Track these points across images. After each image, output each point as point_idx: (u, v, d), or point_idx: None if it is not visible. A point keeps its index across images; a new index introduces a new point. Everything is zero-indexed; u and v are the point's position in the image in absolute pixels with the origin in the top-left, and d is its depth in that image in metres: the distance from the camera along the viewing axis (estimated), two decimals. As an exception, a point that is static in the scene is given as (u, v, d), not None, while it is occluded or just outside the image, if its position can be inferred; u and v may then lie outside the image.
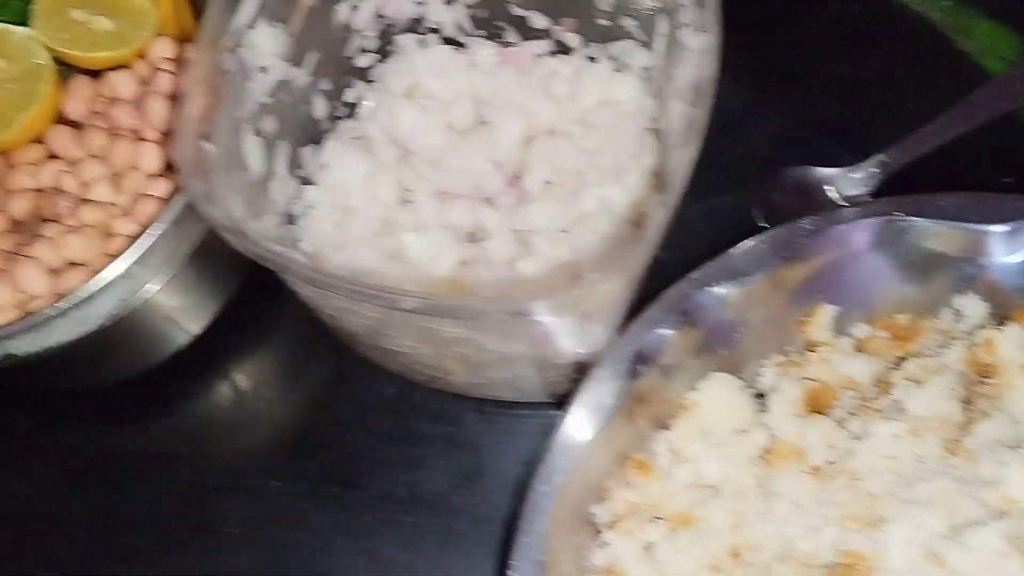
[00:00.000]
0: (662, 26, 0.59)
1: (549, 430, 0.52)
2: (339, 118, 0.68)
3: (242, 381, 0.69)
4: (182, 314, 0.63)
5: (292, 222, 0.64)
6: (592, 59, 0.66)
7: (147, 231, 0.54)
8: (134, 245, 0.54)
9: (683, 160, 0.47)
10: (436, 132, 0.67)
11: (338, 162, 0.66)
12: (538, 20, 0.66)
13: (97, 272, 0.55)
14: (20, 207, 0.59)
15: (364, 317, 0.56)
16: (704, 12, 0.52)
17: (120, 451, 0.68)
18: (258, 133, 0.59)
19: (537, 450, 0.52)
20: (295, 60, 0.61)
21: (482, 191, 0.66)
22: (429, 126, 0.67)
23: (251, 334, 0.70)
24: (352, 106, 0.68)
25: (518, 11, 0.65)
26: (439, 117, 0.67)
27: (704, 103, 0.49)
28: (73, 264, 0.57)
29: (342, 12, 0.64)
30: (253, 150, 0.58)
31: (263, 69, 0.59)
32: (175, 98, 0.62)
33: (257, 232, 0.56)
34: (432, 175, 0.66)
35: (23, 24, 0.64)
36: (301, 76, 0.62)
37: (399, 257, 0.64)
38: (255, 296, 0.68)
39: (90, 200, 0.58)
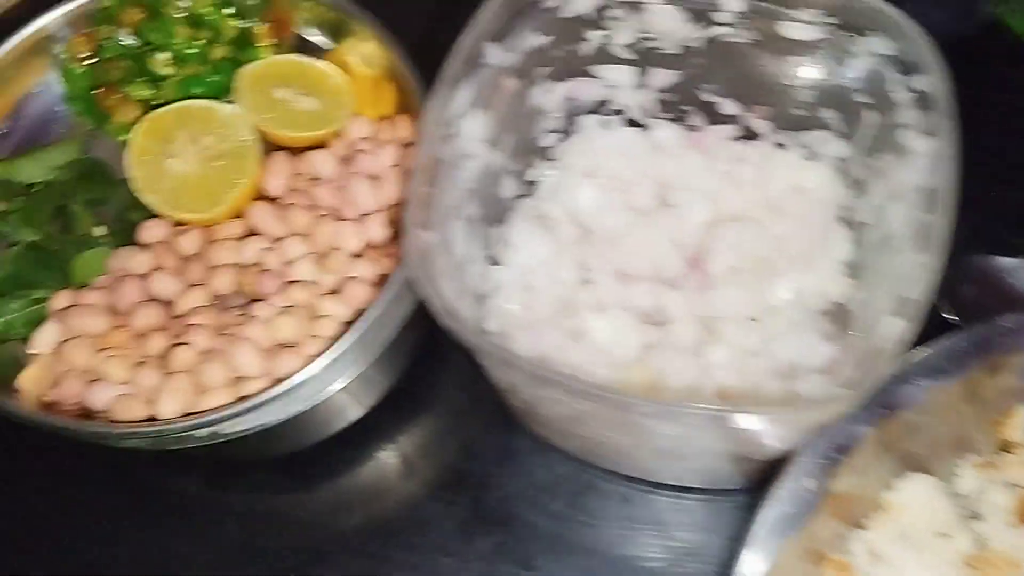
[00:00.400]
0: (870, 120, 0.59)
1: (738, 515, 0.51)
2: (520, 196, 0.68)
3: (410, 452, 0.70)
4: (363, 391, 0.64)
5: (480, 303, 0.64)
6: (781, 145, 0.66)
7: (365, 314, 0.55)
8: (353, 328, 0.54)
9: (925, 268, 0.47)
10: (617, 212, 0.67)
11: (523, 241, 0.66)
12: (729, 107, 0.66)
13: (310, 354, 0.56)
14: (223, 283, 0.60)
15: (569, 408, 0.56)
16: (931, 115, 0.52)
17: (290, 518, 0.68)
18: (462, 218, 0.59)
19: (728, 539, 0.51)
20: (494, 144, 0.62)
21: (663, 273, 0.66)
22: (610, 206, 0.67)
23: (419, 406, 0.71)
24: (531, 184, 0.69)
25: (709, 97, 0.65)
26: (620, 197, 0.68)
27: (943, 211, 0.49)
28: (282, 345, 0.57)
29: (535, 95, 0.65)
30: (458, 235, 0.59)
31: (469, 156, 0.59)
32: (373, 179, 0.63)
33: (469, 319, 0.56)
34: (612, 256, 0.66)
35: (218, 98, 0.65)
36: (498, 159, 0.63)
37: (581, 338, 0.64)
38: (424, 370, 0.69)
39: (295, 280, 0.59)
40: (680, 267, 0.66)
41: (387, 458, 0.70)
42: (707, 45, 0.63)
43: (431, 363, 0.70)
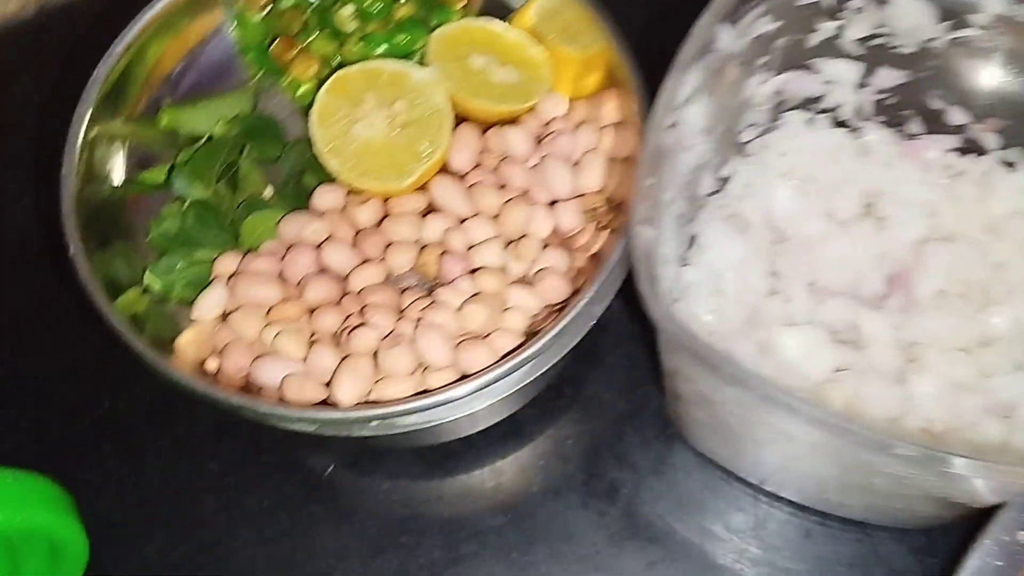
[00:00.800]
0: None
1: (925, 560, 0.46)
2: (712, 193, 0.63)
3: (559, 456, 0.65)
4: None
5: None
6: (1009, 164, 0.60)
7: (567, 308, 0.50)
8: (556, 323, 0.49)
9: None
10: (815, 219, 0.62)
11: (715, 243, 0.61)
12: (956, 115, 0.60)
13: (499, 347, 0.51)
14: (400, 261, 0.56)
15: (766, 429, 0.51)
16: None
17: (428, 512, 0.64)
18: (672, 215, 0.54)
19: None
20: (706, 136, 0.57)
21: (860, 290, 0.61)
22: (807, 211, 0.62)
23: (572, 407, 0.66)
24: (724, 180, 0.63)
25: (937, 104, 0.60)
26: (820, 203, 0.62)
27: None
28: (470, 336, 0.52)
29: (750, 86, 0.59)
30: (665, 233, 0.54)
31: (687, 147, 0.54)
32: (569, 162, 0.58)
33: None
34: (806, 265, 0.61)
35: (405, 59, 0.61)
36: (706, 152, 0.58)
37: (770, 353, 0.59)
38: (579, 371, 0.65)
39: (480, 267, 0.54)
40: (880, 285, 0.61)
41: (534, 460, 0.65)
42: (948, 47, 0.57)
43: (587, 364, 0.66)
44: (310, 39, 0.61)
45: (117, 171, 0.59)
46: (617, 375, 0.67)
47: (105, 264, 0.54)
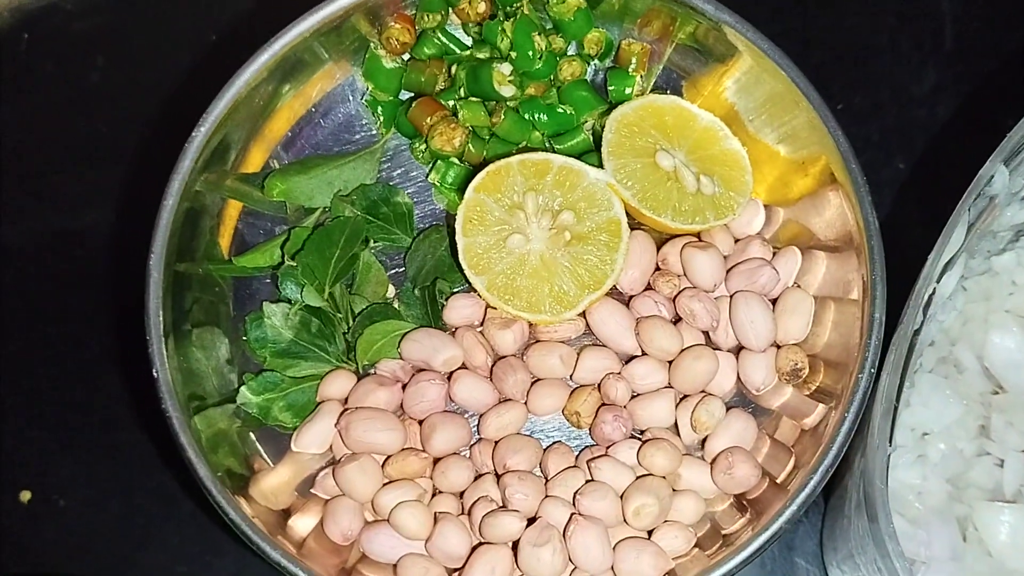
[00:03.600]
0: None
1: None
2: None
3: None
4: None
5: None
6: None
7: (777, 517, 0.40)
8: (763, 533, 0.40)
9: None
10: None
11: (925, 396, 0.50)
12: None
13: (671, 551, 0.41)
14: (545, 404, 0.46)
15: None
16: None
17: None
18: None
19: None
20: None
21: (1089, 463, 0.50)
22: (1035, 357, 0.51)
23: None
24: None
25: None
26: (1051, 351, 0.51)
27: None
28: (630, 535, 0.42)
29: (1003, 218, 0.48)
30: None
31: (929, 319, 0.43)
32: (767, 300, 0.47)
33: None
34: (1024, 427, 0.51)
35: (560, 137, 0.49)
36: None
37: (972, 537, 0.49)
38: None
39: (646, 430, 0.44)
40: None
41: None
42: None
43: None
44: (456, 100, 0.49)
45: (223, 238, 0.48)
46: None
47: (186, 357, 0.45)
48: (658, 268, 0.48)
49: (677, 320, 0.47)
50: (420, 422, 0.46)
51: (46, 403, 0.54)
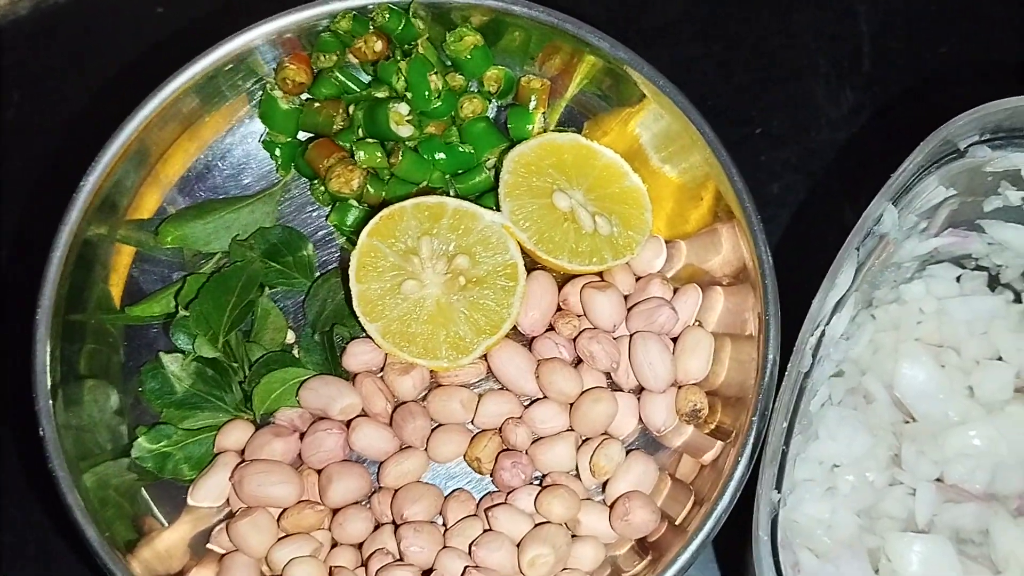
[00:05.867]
0: None
1: None
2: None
3: None
4: None
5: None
6: None
7: (673, 561, 0.39)
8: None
9: None
10: (952, 398, 0.51)
11: (834, 428, 0.50)
12: None
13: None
14: (446, 451, 0.45)
15: None
16: None
17: None
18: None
19: None
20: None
21: (999, 491, 0.50)
22: (944, 387, 0.51)
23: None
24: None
25: None
26: (961, 379, 0.52)
27: None
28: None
29: (904, 250, 0.48)
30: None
31: (821, 359, 0.43)
32: (667, 340, 0.46)
33: None
34: (936, 454, 0.51)
35: (459, 176, 0.49)
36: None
37: (885, 569, 0.49)
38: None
39: (547, 475, 0.43)
40: (1027, 487, 0.50)
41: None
42: None
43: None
44: (353, 141, 0.49)
45: (115, 286, 0.48)
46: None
47: (76, 412, 0.44)
48: (559, 309, 0.48)
49: (578, 361, 0.47)
50: (319, 472, 0.45)
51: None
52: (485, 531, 0.43)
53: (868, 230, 0.42)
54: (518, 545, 0.43)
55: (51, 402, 0.42)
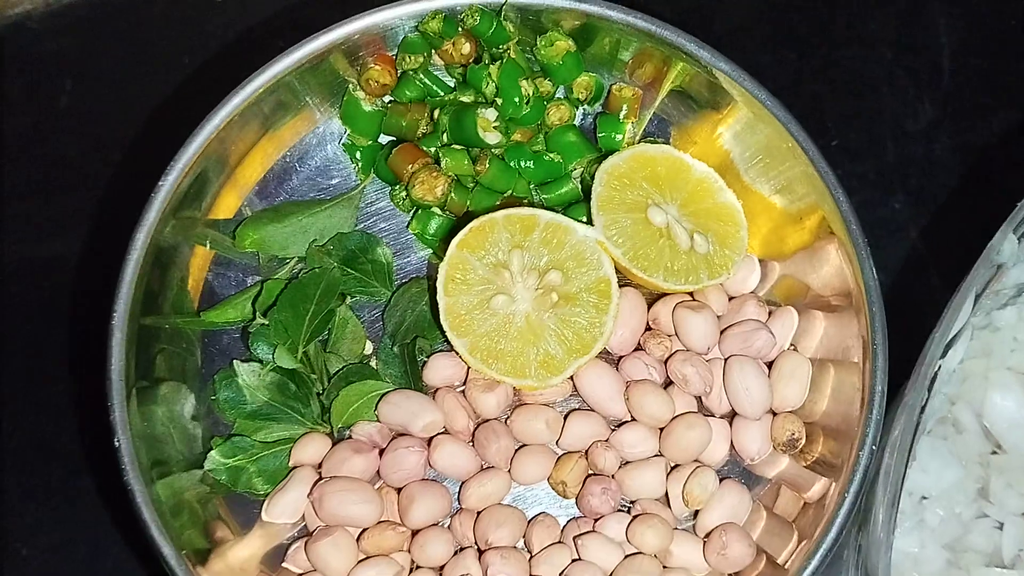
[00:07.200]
0: None
1: None
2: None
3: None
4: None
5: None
6: None
7: None
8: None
9: None
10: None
11: (924, 461, 0.48)
12: None
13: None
14: (530, 473, 0.44)
15: None
16: None
17: None
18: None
19: None
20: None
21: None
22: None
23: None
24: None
25: None
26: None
27: None
28: None
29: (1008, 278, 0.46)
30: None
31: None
32: (762, 365, 0.45)
33: None
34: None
35: (546, 186, 0.47)
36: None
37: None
38: None
39: (635, 503, 0.42)
40: None
41: None
42: None
43: None
44: (438, 146, 0.47)
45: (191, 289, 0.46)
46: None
47: (150, 419, 0.42)
48: (648, 328, 0.46)
49: (668, 383, 0.45)
50: (398, 490, 0.44)
51: (5, 445, 0.51)
52: (574, 560, 0.42)
53: (991, 261, 0.40)
54: (609, 576, 0.41)
55: (126, 410, 0.41)
